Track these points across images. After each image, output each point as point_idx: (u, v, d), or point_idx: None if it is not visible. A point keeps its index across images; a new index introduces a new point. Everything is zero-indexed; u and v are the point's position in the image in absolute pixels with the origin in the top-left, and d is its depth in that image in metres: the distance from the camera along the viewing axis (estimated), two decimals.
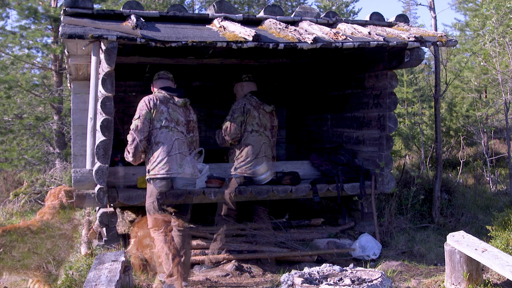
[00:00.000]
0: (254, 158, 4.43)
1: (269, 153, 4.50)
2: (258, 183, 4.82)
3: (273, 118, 4.66)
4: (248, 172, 4.41)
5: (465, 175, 9.52)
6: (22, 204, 8.17)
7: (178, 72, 7.53)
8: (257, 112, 4.51)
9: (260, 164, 4.42)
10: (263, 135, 4.47)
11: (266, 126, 4.51)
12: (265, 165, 4.43)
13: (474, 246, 3.73)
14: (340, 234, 5.72)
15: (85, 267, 4.12)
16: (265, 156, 4.45)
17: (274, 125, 4.64)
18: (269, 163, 4.48)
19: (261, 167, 4.42)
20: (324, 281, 3.37)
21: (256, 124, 4.48)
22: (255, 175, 4.40)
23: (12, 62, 11.33)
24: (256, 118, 4.49)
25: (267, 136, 4.50)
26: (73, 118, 6.33)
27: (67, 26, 4.24)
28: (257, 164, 4.42)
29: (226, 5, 5.12)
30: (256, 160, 4.43)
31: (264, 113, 4.55)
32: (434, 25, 7.72)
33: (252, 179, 4.54)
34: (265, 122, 4.51)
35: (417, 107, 13.16)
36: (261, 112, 4.53)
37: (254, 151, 4.43)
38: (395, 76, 5.64)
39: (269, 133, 4.54)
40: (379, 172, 5.63)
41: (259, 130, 4.47)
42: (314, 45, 4.58)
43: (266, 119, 4.54)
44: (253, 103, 4.56)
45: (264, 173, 4.43)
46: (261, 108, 4.55)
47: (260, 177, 4.47)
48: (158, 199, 3.99)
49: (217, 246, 4.49)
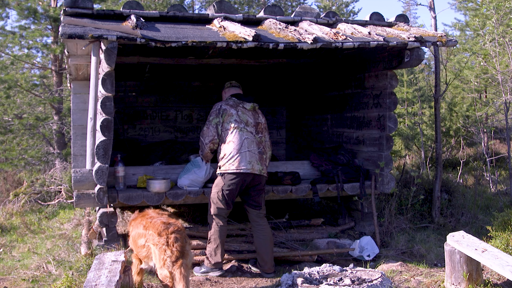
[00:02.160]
0: (237, 154, 4.45)
1: (254, 149, 4.51)
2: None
3: (256, 115, 4.68)
4: (231, 168, 4.44)
5: (465, 175, 9.52)
6: (22, 204, 8.17)
7: (178, 72, 7.58)
8: (234, 110, 4.57)
9: (244, 159, 4.45)
10: (244, 131, 4.51)
11: (248, 122, 4.55)
12: (248, 158, 4.46)
13: (474, 246, 3.73)
14: (340, 234, 5.72)
15: (85, 267, 4.12)
16: (248, 151, 4.47)
17: (259, 121, 4.65)
18: (254, 158, 4.50)
19: (245, 161, 4.45)
20: (324, 281, 3.38)
21: (235, 121, 4.52)
22: (239, 170, 4.44)
23: (12, 62, 11.32)
24: (234, 116, 4.54)
25: (250, 132, 4.53)
26: (73, 118, 6.33)
27: (67, 26, 4.24)
28: (241, 159, 4.45)
29: (226, 5, 5.12)
30: (239, 155, 4.46)
31: (244, 110, 4.60)
32: (434, 25, 7.72)
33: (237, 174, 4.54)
34: (246, 119, 4.55)
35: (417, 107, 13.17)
36: (239, 110, 4.59)
37: (236, 147, 4.47)
38: (395, 76, 5.64)
39: (253, 129, 4.55)
40: (379, 172, 5.63)
41: (239, 126, 4.51)
42: (314, 45, 4.58)
43: (248, 115, 4.59)
44: (229, 103, 4.64)
45: (246, 166, 4.45)
46: (240, 106, 4.61)
47: (245, 171, 4.47)
48: (223, 190, 4.46)
49: (213, 247, 4.51)
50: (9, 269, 5.06)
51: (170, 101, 7.93)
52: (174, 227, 3.53)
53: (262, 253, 4.61)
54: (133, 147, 7.40)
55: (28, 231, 6.66)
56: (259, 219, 4.66)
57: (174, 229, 3.51)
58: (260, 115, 4.78)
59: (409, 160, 11.77)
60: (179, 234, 3.50)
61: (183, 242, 3.48)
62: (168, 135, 7.90)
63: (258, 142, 4.60)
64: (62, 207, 8.04)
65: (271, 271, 4.60)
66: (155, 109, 7.86)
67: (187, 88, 8.02)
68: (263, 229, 4.63)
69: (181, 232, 3.55)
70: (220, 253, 4.52)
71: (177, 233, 3.49)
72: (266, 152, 4.71)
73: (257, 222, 4.66)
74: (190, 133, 8.08)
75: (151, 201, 4.86)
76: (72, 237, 6.05)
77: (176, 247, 3.39)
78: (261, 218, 4.68)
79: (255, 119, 4.65)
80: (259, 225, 4.65)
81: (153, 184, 4.89)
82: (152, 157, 6.69)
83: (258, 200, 4.65)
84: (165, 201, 4.97)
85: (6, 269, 5.09)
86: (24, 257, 5.51)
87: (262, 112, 4.88)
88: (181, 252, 3.41)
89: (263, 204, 4.71)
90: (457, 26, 16.30)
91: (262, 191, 4.69)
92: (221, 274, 4.54)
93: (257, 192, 4.63)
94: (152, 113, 7.85)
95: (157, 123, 7.88)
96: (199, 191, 5.02)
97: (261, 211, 4.68)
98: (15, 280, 4.58)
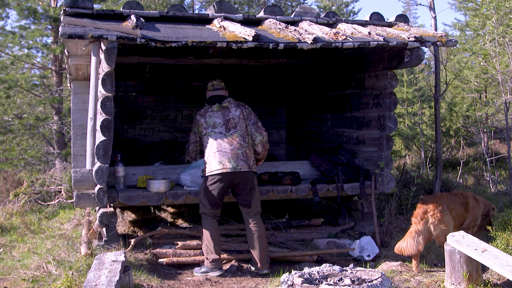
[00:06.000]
0: (208, 157, 4.58)
1: (225, 147, 4.53)
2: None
3: (227, 112, 4.70)
4: (207, 172, 4.57)
5: (465, 175, 9.53)
6: (22, 204, 8.18)
7: (178, 72, 7.57)
8: (203, 118, 4.73)
9: (214, 160, 4.51)
10: (212, 134, 4.62)
11: (215, 124, 4.64)
12: (218, 159, 4.50)
13: (474, 246, 3.73)
14: (340, 234, 5.72)
15: (85, 267, 4.12)
16: (218, 151, 4.53)
17: (229, 118, 4.68)
18: (225, 156, 4.52)
19: (215, 163, 4.51)
20: (324, 281, 3.37)
21: (204, 128, 4.71)
22: (211, 172, 4.53)
23: (12, 62, 11.32)
24: (203, 124, 4.72)
25: (219, 132, 4.60)
26: (73, 118, 6.32)
27: (67, 26, 4.24)
28: (212, 162, 4.52)
29: (226, 5, 5.12)
30: (210, 158, 4.55)
31: (211, 114, 4.69)
32: (434, 25, 7.72)
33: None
34: (213, 121, 4.64)
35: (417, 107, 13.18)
36: (207, 116, 4.70)
37: (207, 151, 4.61)
38: (395, 76, 5.64)
39: (222, 129, 4.61)
40: (379, 172, 5.63)
41: (206, 132, 4.67)
42: (314, 45, 4.58)
43: (216, 117, 4.66)
44: (201, 112, 4.81)
45: (217, 167, 4.49)
46: (208, 111, 4.71)
47: (218, 171, 4.51)
48: (204, 191, 4.61)
49: (206, 244, 4.54)
50: (9, 269, 5.06)
51: (170, 101, 7.92)
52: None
53: (252, 251, 4.63)
54: (133, 147, 7.40)
55: (28, 231, 6.66)
56: (249, 218, 4.65)
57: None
58: (233, 109, 4.75)
59: (409, 160, 11.78)
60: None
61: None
62: (168, 135, 7.90)
63: (231, 140, 4.60)
64: (62, 207, 8.04)
65: (264, 268, 4.60)
66: (155, 109, 7.86)
67: (187, 88, 8.01)
68: (253, 227, 4.62)
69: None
70: (215, 249, 4.54)
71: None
72: (246, 146, 4.65)
73: (248, 220, 4.67)
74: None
75: (151, 201, 4.86)
76: (72, 237, 6.05)
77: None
78: (252, 216, 4.65)
79: (224, 117, 4.68)
80: (249, 224, 4.65)
81: (153, 184, 4.89)
82: (152, 157, 6.70)
83: (247, 198, 4.62)
84: (165, 201, 4.97)
85: (6, 269, 5.09)
86: (24, 257, 5.51)
87: (240, 104, 4.84)
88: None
89: (253, 202, 4.65)
90: (457, 26, 16.31)
91: (251, 189, 4.63)
92: (221, 274, 4.54)
93: (244, 190, 4.61)
94: (152, 113, 7.85)
95: (157, 123, 7.88)
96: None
97: (251, 209, 4.65)
98: (15, 280, 4.58)
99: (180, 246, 4.97)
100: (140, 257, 4.85)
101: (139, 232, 5.92)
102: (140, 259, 4.79)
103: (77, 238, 5.94)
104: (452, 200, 4.67)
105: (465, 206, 4.75)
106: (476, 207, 4.81)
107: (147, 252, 4.96)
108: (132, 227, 6.19)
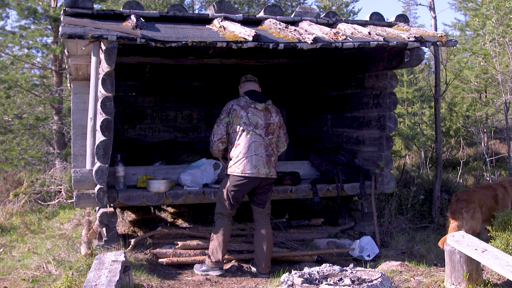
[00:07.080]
0: (243, 157, 4.44)
1: (262, 152, 4.48)
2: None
3: (269, 115, 4.60)
4: (237, 171, 4.45)
5: (465, 175, 9.52)
6: (22, 204, 8.18)
7: (178, 72, 7.58)
8: (244, 111, 4.50)
9: (250, 163, 4.44)
10: (253, 134, 4.46)
11: (257, 124, 4.49)
12: (254, 162, 4.45)
13: (474, 246, 3.73)
14: (340, 234, 5.72)
15: (85, 267, 4.12)
16: (255, 154, 4.45)
17: (270, 122, 4.59)
18: (261, 161, 4.48)
19: (250, 165, 4.44)
20: (324, 281, 3.37)
21: (244, 123, 4.47)
22: (244, 174, 4.44)
23: (12, 62, 11.32)
24: (243, 118, 4.48)
25: (259, 134, 4.48)
26: (73, 118, 6.32)
27: (67, 26, 4.24)
28: (247, 163, 4.44)
29: (226, 5, 5.12)
30: (245, 159, 4.44)
31: (254, 111, 4.51)
32: (434, 25, 7.71)
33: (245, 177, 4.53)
34: (256, 120, 4.49)
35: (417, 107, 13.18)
36: (250, 111, 4.50)
37: (242, 150, 4.46)
38: (395, 76, 5.64)
39: (262, 131, 4.50)
40: (379, 172, 5.63)
41: (247, 129, 4.47)
42: (314, 45, 4.58)
43: (259, 117, 4.52)
44: (241, 103, 4.55)
45: (252, 170, 4.44)
46: (251, 107, 4.52)
47: (251, 175, 4.47)
48: (228, 190, 4.53)
49: (215, 244, 4.52)
50: (9, 269, 5.06)
51: (170, 101, 7.93)
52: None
53: (258, 253, 4.62)
54: (133, 147, 7.40)
55: (28, 231, 6.66)
56: (261, 219, 4.66)
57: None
58: (274, 113, 4.69)
59: (409, 160, 11.77)
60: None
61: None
62: (168, 135, 7.90)
63: (267, 145, 4.55)
64: (62, 207, 8.04)
65: (265, 271, 4.59)
66: (155, 109, 7.86)
67: (187, 88, 8.02)
68: (262, 229, 4.63)
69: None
70: (222, 251, 4.54)
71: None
72: (275, 153, 4.69)
73: (259, 221, 4.66)
74: (190, 133, 8.08)
75: (151, 201, 4.86)
76: (72, 237, 6.05)
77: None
78: (263, 217, 4.67)
79: (266, 120, 4.57)
80: (260, 224, 4.65)
81: (153, 184, 4.89)
82: (152, 157, 6.69)
83: (264, 198, 4.66)
84: (165, 201, 4.97)
85: (6, 269, 5.09)
86: (24, 257, 5.51)
87: (278, 110, 4.78)
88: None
89: (268, 203, 4.71)
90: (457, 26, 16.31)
91: (269, 191, 4.69)
92: (221, 274, 4.54)
93: (263, 192, 4.64)
94: (152, 113, 7.85)
95: (157, 123, 7.88)
96: (199, 191, 5.03)
97: (265, 209, 4.67)
98: (15, 280, 4.57)
99: (180, 246, 4.98)
100: (140, 257, 4.85)
101: (139, 232, 5.92)
102: (140, 259, 4.79)
103: (77, 238, 5.94)
104: (483, 195, 5.07)
105: (495, 198, 5.13)
106: (506, 197, 5.17)
107: (147, 252, 4.96)
108: (132, 227, 6.19)
